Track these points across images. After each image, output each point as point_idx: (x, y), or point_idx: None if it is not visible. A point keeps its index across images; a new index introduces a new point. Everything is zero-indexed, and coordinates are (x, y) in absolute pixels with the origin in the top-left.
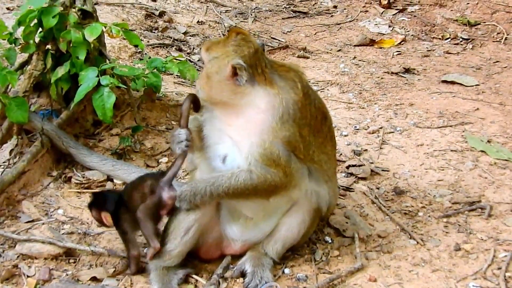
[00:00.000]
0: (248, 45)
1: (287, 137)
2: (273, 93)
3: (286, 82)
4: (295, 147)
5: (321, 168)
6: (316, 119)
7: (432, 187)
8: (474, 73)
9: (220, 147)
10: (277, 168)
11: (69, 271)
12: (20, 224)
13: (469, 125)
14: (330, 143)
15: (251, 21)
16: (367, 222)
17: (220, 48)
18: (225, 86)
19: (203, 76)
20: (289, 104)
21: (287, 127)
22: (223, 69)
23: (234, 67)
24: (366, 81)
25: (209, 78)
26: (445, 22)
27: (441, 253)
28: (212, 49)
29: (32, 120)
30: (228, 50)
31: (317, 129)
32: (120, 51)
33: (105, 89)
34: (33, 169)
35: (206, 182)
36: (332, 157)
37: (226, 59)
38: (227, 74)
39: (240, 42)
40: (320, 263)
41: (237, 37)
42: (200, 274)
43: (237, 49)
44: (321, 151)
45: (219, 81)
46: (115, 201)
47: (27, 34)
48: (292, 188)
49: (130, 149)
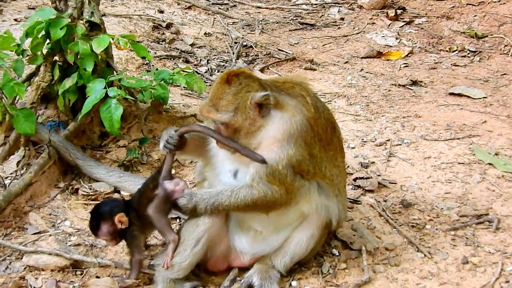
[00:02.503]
0: (252, 78)
1: (299, 161)
2: (287, 117)
3: (296, 99)
4: (303, 169)
5: (332, 183)
6: (326, 132)
7: (440, 199)
8: (482, 86)
9: (230, 162)
10: (280, 186)
11: (76, 283)
12: (27, 236)
13: (476, 137)
14: (340, 154)
15: (258, 32)
16: (374, 235)
17: (231, 99)
18: (252, 124)
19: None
20: (303, 125)
21: (300, 151)
22: (248, 112)
23: (258, 103)
24: (373, 93)
25: (239, 129)
26: (452, 34)
27: (449, 266)
28: (224, 105)
29: (40, 132)
30: (241, 94)
31: (328, 142)
32: (127, 63)
33: (113, 101)
34: (40, 181)
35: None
36: (342, 170)
37: (247, 102)
38: (255, 114)
39: (243, 80)
40: (327, 275)
41: (239, 78)
42: (207, 286)
43: (247, 88)
44: (333, 164)
45: (248, 125)
46: (122, 205)
47: (35, 45)
48: (294, 205)
49: (137, 161)
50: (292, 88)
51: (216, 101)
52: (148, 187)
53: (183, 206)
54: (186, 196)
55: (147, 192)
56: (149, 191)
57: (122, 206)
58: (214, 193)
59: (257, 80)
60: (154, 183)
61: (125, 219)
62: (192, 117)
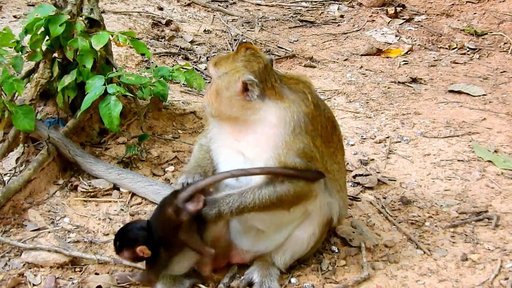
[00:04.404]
0: (257, 60)
1: (301, 149)
2: (284, 107)
3: (296, 94)
4: (311, 157)
5: (334, 178)
6: (326, 130)
7: (439, 197)
8: (481, 83)
9: (231, 164)
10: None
11: (75, 280)
12: (26, 233)
13: (476, 135)
14: (340, 152)
15: (258, 30)
16: (373, 232)
17: (229, 63)
18: (235, 102)
19: (212, 91)
20: (300, 116)
21: (300, 139)
22: (233, 85)
23: (244, 83)
24: (373, 90)
25: (219, 94)
26: (452, 32)
27: (448, 263)
28: (221, 65)
29: (39, 129)
30: (238, 65)
31: (328, 139)
32: (126, 60)
33: (112, 98)
34: (39, 178)
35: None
36: (342, 167)
37: (236, 75)
38: (238, 90)
39: (249, 57)
40: (327, 272)
41: (246, 52)
42: (206, 283)
43: (247, 65)
44: (333, 161)
45: (229, 97)
46: (145, 231)
47: (34, 42)
48: (313, 198)
49: (136, 158)
50: (296, 84)
51: (219, 58)
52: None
53: (207, 215)
54: (209, 205)
55: (169, 221)
56: (172, 220)
57: (145, 237)
58: (236, 196)
59: (262, 64)
60: (175, 209)
61: (148, 252)
62: (191, 114)
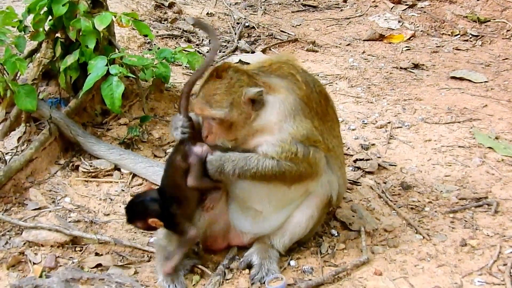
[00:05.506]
0: (240, 72)
1: (306, 135)
2: (280, 100)
3: (286, 79)
4: (315, 141)
5: (335, 154)
6: (321, 104)
7: (439, 182)
8: (483, 70)
9: None
10: (301, 161)
11: (75, 259)
12: (27, 212)
13: (477, 121)
14: (337, 124)
15: (261, 13)
16: (373, 216)
17: (225, 93)
18: (247, 119)
19: (225, 129)
20: (297, 104)
21: (303, 126)
22: (243, 107)
23: (251, 99)
24: (375, 75)
25: (235, 125)
26: (455, 18)
27: (447, 248)
28: (218, 101)
29: (41, 108)
30: (235, 89)
31: (324, 114)
32: (129, 41)
33: (114, 79)
34: (40, 157)
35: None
36: (340, 140)
37: (241, 97)
38: (249, 109)
39: (234, 75)
40: (326, 256)
41: (228, 72)
42: (206, 264)
43: (238, 82)
44: (332, 135)
45: (243, 120)
46: (156, 201)
47: (37, 22)
48: (317, 177)
49: (138, 139)
50: (280, 68)
51: (208, 97)
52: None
53: (210, 164)
54: (215, 156)
55: (178, 169)
56: (180, 167)
57: (157, 209)
58: (242, 157)
59: (246, 73)
60: (183, 154)
61: (160, 223)
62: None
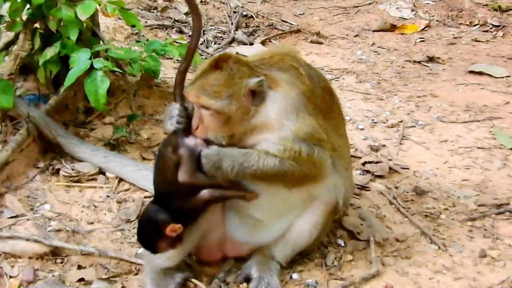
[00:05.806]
0: (241, 62)
1: (309, 133)
2: (281, 95)
3: (288, 72)
4: (318, 139)
5: (341, 155)
6: (325, 101)
7: (456, 187)
8: (505, 64)
9: None
10: (305, 161)
11: (55, 272)
12: (3, 220)
13: (498, 120)
14: (342, 122)
15: (260, 1)
16: (384, 225)
17: (226, 84)
18: (245, 114)
19: (220, 123)
20: (299, 100)
21: (306, 123)
22: (242, 100)
23: (252, 90)
24: (386, 70)
25: (232, 119)
26: (474, 6)
27: (465, 259)
28: (218, 92)
29: (18, 106)
30: (235, 80)
31: (328, 111)
32: (115, 32)
33: (99, 73)
34: (17, 160)
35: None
36: (346, 139)
37: (241, 89)
38: (249, 101)
39: (234, 66)
40: (332, 268)
41: (229, 63)
42: (199, 278)
43: (239, 74)
44: (337, 134)
45: (241, 115)
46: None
47: (14, 11)
48: (323, 179)
49: (124, 140)
50: (281, 61)
51: (206, 86)
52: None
53: (206, 158)
54: (212, 150)
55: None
56: (170, 159)
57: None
58: (242, 153)
59: (246, 65)
60: (173, 145)
61: (179, 227)
62: None
